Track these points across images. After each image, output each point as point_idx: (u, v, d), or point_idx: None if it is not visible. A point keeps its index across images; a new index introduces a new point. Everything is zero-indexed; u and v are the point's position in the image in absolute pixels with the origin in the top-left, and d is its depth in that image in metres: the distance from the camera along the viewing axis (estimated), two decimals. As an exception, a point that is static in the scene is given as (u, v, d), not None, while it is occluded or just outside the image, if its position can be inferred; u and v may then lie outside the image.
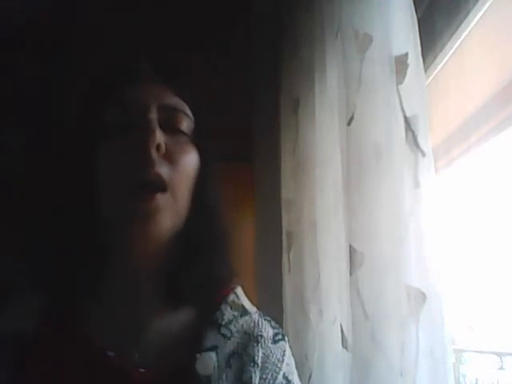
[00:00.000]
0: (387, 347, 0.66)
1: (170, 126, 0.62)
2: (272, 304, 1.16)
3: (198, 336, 0.63)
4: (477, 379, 1.88)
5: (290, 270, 1.14)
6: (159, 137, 0.59)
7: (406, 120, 0.69)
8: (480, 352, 1.90)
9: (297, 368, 0.68)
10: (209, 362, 0.60)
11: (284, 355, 0.66)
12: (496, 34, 0.96)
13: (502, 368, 1.84)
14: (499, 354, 1.85)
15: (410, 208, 0.67)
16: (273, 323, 0.69)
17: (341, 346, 0.79)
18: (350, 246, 0.72)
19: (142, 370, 0.60)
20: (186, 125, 0.65)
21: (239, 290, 0.70)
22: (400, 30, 0.72)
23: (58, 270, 0.63)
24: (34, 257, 0.65)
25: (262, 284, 1.27)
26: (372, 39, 0.73)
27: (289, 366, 0.66)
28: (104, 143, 0.60)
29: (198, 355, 0.60)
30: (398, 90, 0.70)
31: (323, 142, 0.95)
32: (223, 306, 0.67)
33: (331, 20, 0.87)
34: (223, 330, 0.64)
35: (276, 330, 0.68)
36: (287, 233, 1.17)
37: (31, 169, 1.23)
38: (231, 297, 0.68)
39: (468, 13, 0.83)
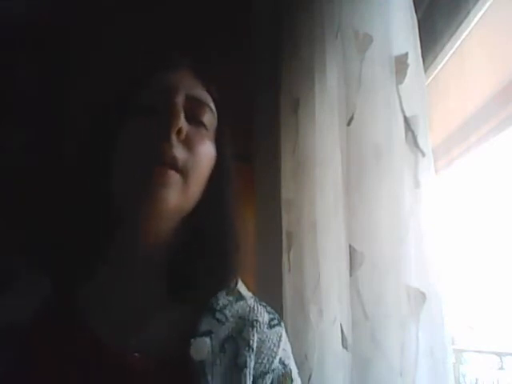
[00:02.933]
0: (387, 347, 0.66)
1: (193, 116, 0.64)
2: (272, 304, 1.16)
3: (193, 321, 0.63)
4: (477, 379, 1.88)
5: (290, 270, 1.14)
6: (182, 122, 0.60)
7: (406, 120, 0.69)
8: (480, 352, 1.90)
9: (297, 368, 0.68)
10: (202, 347, 0.60)
11: (280, 340, 0.66)
12: (496, 34, 0.96)
13: (502, 368, 1.84)
14: (499, 354, 1.85)
15: (410, 208, 0.67)
16: (268, 308, 0.69)
17: (341, 346, 0.79)
18: (350, 246, 0.72)
19: (137, 355, 0.59)
20: (208, 119, 0.66)
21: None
22: (400, 30, 0.72)
23: (59, 254, 0.63)
24: (34, 240, 0.65)
25: (261, 284, 1.27)
26: (372, 39, 0.73)
27: (285, 351, 0.66)
28: (129, 122, 0.62)
29: (192, 340, 0.61)
30: (397, 90, 0.70)
31: (323, 142, 0.95)
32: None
33: (331, 20, 0.87)
34: (218, 315, 0.64)
35: (272, 316, 0.68)
36: (287, 233, 1.17)
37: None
38: None
39: (468, 13, 0.83)
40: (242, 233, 0.70)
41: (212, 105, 0.67)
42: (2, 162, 1.31)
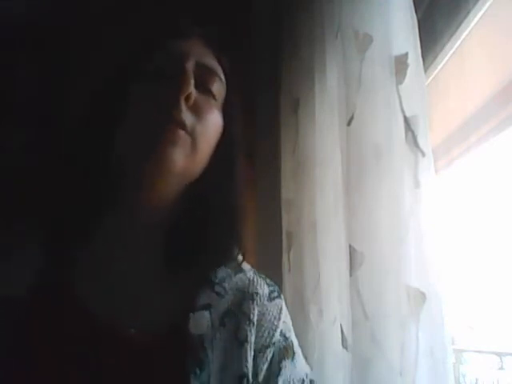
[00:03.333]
0: (387, 347, 0.66)
1: (202, 84, 0.64)
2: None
3: (191, 295, 0.62)
4: (477, 379, 1.88)
5: (290, 270, 1.14)
6: (191, 88, 0.60)
7: (406, 120, 0.69)
8: (480, 352, 1.90)
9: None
10: (202, 321, 0.59)
11: (280, 313, 0.65)
12: (496, 34, 0.96)
13: (502, 368, 1.84)
14: (499, 354, 1.85)
15: (410, 208, 0.67)
16: (268, 281, 0.68)
17: (341, 346, 0.79)
18: (350, 246, 0.72)
19: (133, 331, 0.58)
20: (217, 88, 0.66)
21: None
22: (400, 30, 0.72)
23: (57, 216, 0.63)
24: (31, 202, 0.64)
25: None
26: (372, 39, 0.73)
27: (285, 323, 0.66)
28: (138, 86, 0.61)
29: (190, 314, 0.60)
30: (397, 90, 0.70)
31: (323, 142, 0.95)
32: None
33: (331, 20, 0.87)
34: (217, 288, 0.63)
35: (272, 288, 0.67)
36: (287, 233, 1.17)
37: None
38: None
39: (468, 13, 0.84)
40: (246, 205, 0.69)
41: (222, 75, 0.67)
42: (2, 162, 1.31)
